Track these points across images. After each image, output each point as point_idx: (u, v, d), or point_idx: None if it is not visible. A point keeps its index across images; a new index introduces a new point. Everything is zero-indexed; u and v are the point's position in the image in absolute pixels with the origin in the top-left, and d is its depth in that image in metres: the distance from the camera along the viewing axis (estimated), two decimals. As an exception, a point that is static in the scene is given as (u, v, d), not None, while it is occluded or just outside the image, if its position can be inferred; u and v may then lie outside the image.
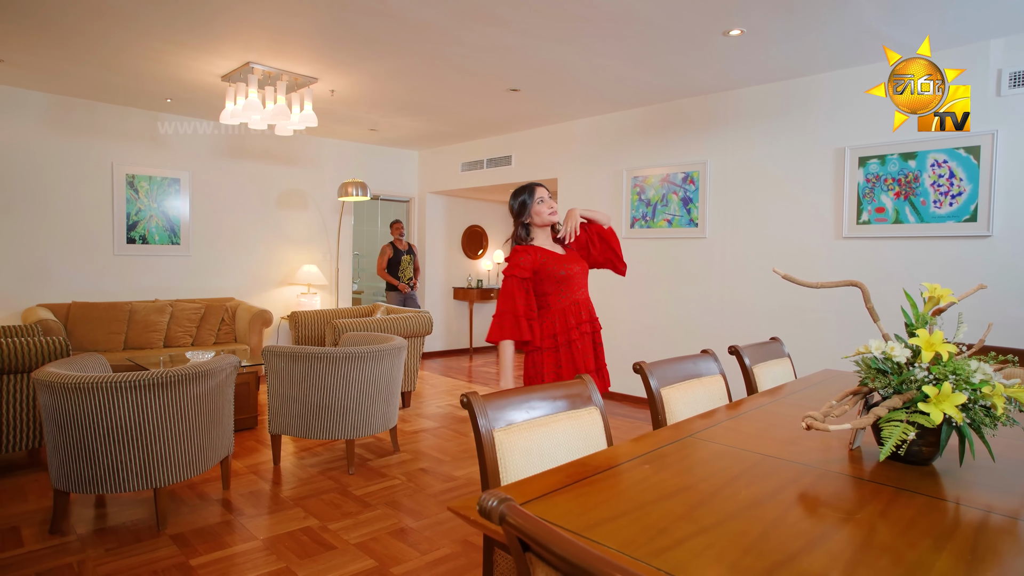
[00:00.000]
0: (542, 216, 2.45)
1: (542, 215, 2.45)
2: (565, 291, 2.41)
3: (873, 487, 1.36)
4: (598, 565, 0.71)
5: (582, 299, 2.46)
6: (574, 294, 2.43)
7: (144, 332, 5.24)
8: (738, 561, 1.01)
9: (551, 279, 2.40)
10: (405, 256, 6.91)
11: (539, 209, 2.45)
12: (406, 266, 6.89)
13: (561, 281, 2.40)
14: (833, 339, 4.14)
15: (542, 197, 2.45)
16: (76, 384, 2.50)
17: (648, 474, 1.43)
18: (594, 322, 2.49)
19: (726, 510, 1.23)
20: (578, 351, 2.39)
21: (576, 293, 2.44)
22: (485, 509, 0.87)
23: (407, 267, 6.90)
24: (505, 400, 1.63)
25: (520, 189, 2.49)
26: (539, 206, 2.44)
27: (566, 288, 2.41)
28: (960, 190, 3.64)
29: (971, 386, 1.38)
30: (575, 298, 2.43)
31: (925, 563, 1.03)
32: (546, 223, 2.47)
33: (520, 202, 2.46)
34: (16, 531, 2.69)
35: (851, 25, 3.35)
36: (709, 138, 4.84)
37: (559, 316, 2.39)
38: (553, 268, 2.39)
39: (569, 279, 2.42)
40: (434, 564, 2.47)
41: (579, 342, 2.39)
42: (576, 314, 2.41)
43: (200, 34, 3.72)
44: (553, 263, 2.40)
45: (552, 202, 2.47)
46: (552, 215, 2.46)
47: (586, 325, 2.43)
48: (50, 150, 5.16)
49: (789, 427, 1.86)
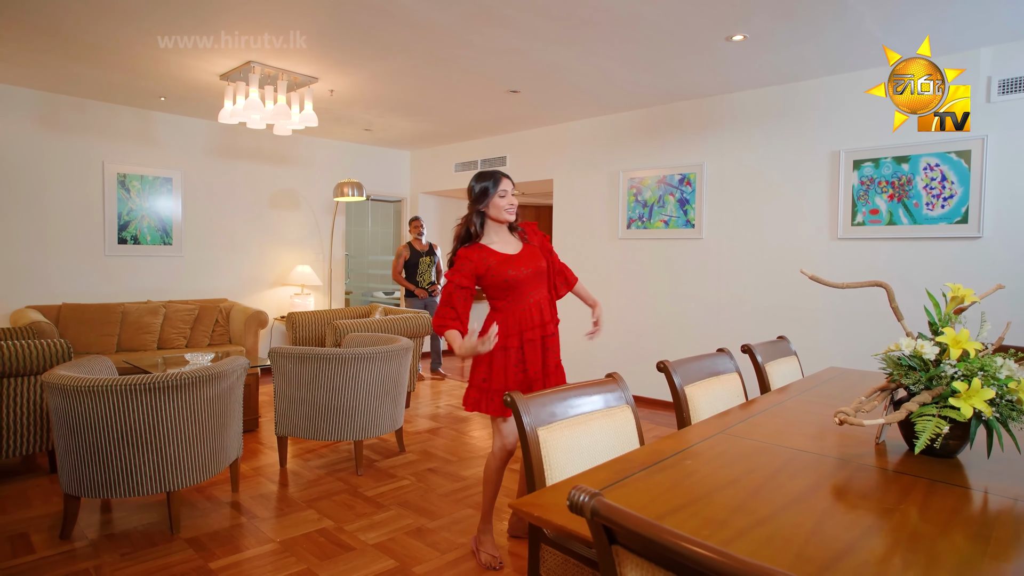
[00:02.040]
0: (499, 211, 2.32)
1: (500, 210, 2.32)
2: (513, 297, 2.31)
3: (908, 479, 1.42)
4: (711, 557, 0.74)
5: (534, 302, 2.35)
6: (524, 299, 2.32)
7: (137, 334, 5.16)
8: (802, 551, 1.06)
9: (496, 286, 2.30)
10: (424, 258, 6.20)
11: (499, 203, 2.31)
12: (425, 269, 6.18)
13: (508, 288, 2.30)
14: (831, 338, 4.25)
15: (506, 190, 2.32)
16: (89, 387, 2.47)
17: (693, 469, 1.47)
18: (546, 326, 2.38)
19: (776, 502, 1.27)
20: (512, 358, 2.31)
21: (526, 298, 2.33)
22: (577, 504, 0.90)
23: (427, 270, 6.19)
24: (545, 398, 1.67)
25: (485, 174, 2.34)
26: (500, 200, 2.31)
27: (513, 295, 2.31)
28: (952, 193, 3.77)
29: (998, 382, 1.45)
30: (525, 303, 2.33)
31: (976, 549, 1.09)
32: (502, 220, 2.35)
33: (483, 188, 2.32)
34: (25, 537, 2.64)
35: (849, 31, 3.45)
36: (706, 140, 4.92)
37: (511, 321, 2.31)
38: (498, 273, 2.28)
39: (517, 285, 2.30)
40: (455, 563, 2.49)
41: (515, 349, 2.31)
42: (527, 318, 2.32)
43: (202, 32, 3.68)
44: (499, 267, 2.29)
45: (514, 199, 2.35)
46: (509, 213, 2.34)
47: (536, 331, 2.34)
48: (39, 148, 5.04)
49: (813, 422, 1.92)
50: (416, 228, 6.22)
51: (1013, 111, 3.56)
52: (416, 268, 6.15)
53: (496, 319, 2.34)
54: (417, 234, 6.21)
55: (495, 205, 2.32)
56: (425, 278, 6.18)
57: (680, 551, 0.77)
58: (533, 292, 2.36)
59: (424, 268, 6.18)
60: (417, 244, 6.21)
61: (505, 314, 2.33)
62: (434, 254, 6.29)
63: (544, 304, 2.39)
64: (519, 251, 2.37)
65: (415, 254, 6.16)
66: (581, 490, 0.91)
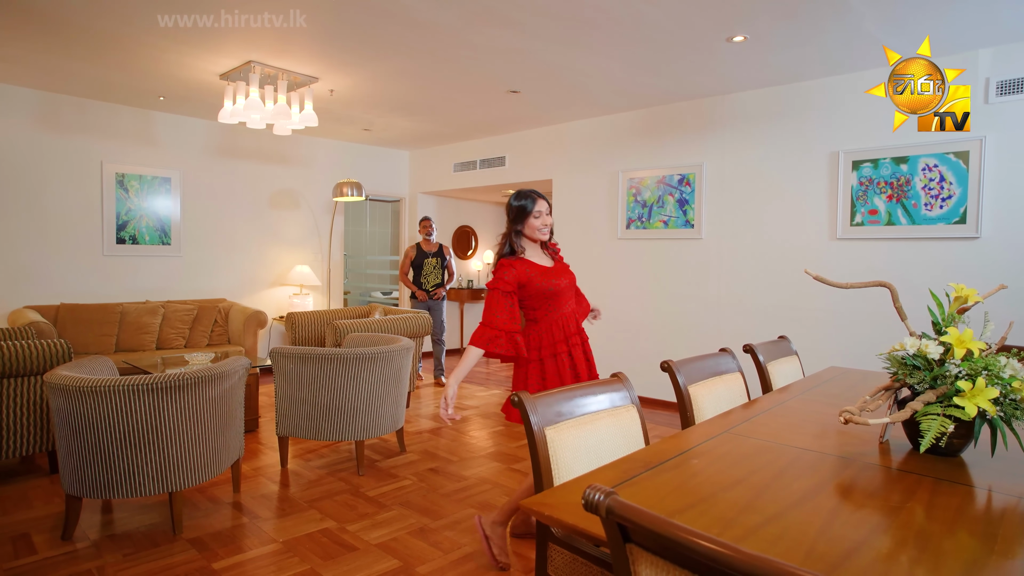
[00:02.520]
0: (533, 231, 2.42)
1: (533, 230, 2.42)
2: (552, 306, 2.40)
3: (913, 478, 1.43)
4: (729, 555, 0.75)
5: (569, 312, 2.45)
6: (562, 308, 2.42)
7: (136, 334, 5.14)
8: (812, 548, 1.07)
9: (539, 295, 2.38)
10: (430, 259, 5.97)
11: (533, 224, 2.41)
12: (430, 271, 5.95)
13: (549, 297, 2.38)
14: (830, 338, 4.26)
15: (540, 211, 2.41)
16: (93, 387, 2.46)
17: (699, 468, 1.48)
18: (582, 333, 2.49)
19: (784, 501, 1.28)
20: (564, 363, 2.38)
21: (564, 308, 2.43)
22: (592, 503, 0.91)
23: (432, 272, 5.96)
24: (552, 398, 1.67)
25: (523, 193, 2.44)
26: (534, 220, 2.41)
27: (553, 303, 2.40)
28: (950, 193, 3.79)
29: (1002, 381, 1.46)
30: (563, 312, 2.42)
31: (984, 547, 1.10)
32: (535, 239, 2.45)
33: (520, 207, 2.41)
34: (27, 538, 2.64)
35: (850, 32, 3.47)
36: (705, 141, 4.93)
37: (546, 331, 2.39)
38: (541, 283, 2.36)
39: (557, 295, 2.40)
40: (459, 562, 2.49)
41: (565, 355, 2.38)
42: (564, 327, 2.41)
43: (203, 32, 3.67)
44: (540, 278, 2.37)
45: (548, 219, 2.44)
46: (543, 233, 2.44)
47: (575, 338, 2.44)
48: (37, 148, 5.03)
49: (816, 421, 1.94)
50: (425, 228, 6.03)
51: (1011, 112, 3.59)
52: (420, 269, 5.97)
53: (535, 330, 2.39)
54: (426, 234, 6.02)
55: (530, 225, 2.42)
56: (429, 280, 5.97)
57: (698, 549, 0.78)
58: (568, 303, 2.47)
59: (429, 270, 5.97)
60: (425, 244, 6.04)
61: (547, 323, 2.40)
62: (443, 256, 6.05)
63: (577, 316, 2.52)
64: (553, 265, 2.49)
65: (421, 255, 6.00)
66: (596, 489, 0.92)
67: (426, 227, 6.03)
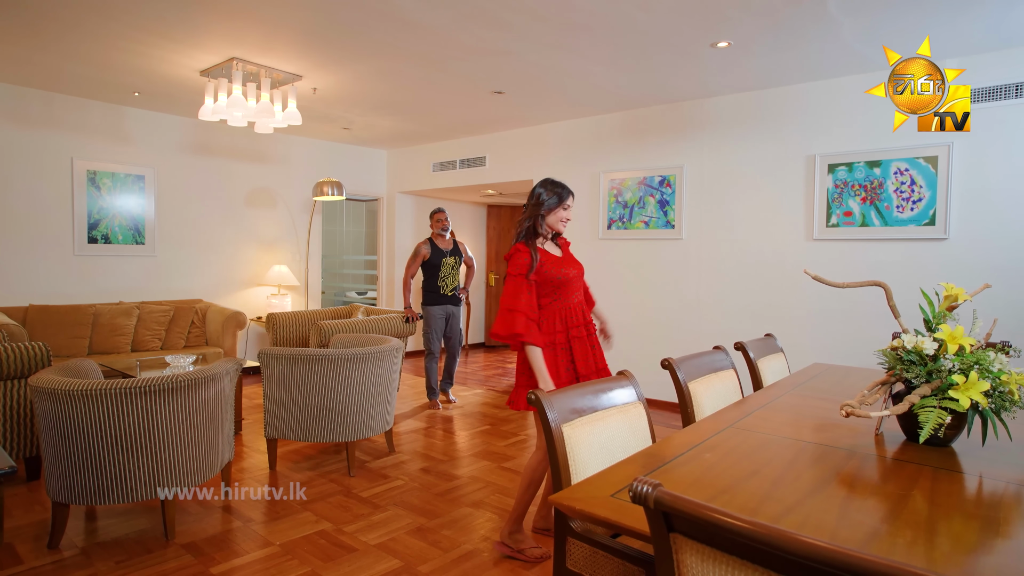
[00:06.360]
0: (556, 222, 2.52)
1: (557, 221, 2.52)
2: (561, 295, 2.48)
3: (912, 467, 1.51)
4: (782, 538, 0.80)
5: (576, 303, 2.53)
6: (568, 299, 2.50)
7: (110, 336, 4.99)
8: (835, 534, 1.13)
9: (548, 283, 2.46)
10: (448, 258, 5.10)
11: (561, 215, 2.52)
12: (448, 271, 5.08)
13: (558, 286, 2.47)
14: (808, 335, 4.41)
15: (569, 205, 2.53)
16: (83, 391, 2.40)
17: (713, 462, 1.53)
18: (589, 324, 2.57)
19: (800, 490, 1.34)
20: (577, 352, 2.47)
21: (570, 298, 2.51)
22: (640, 495, 0.95)
23: (450, 273, 5.10)
24: (566, 395, 1.71)
25: (558, 184, 2.54)
26: (563, 212, 2.52)
27: (562, 292, 2.48)
28: (920, 196, 3.96)
29: (992, 374, 1.56)
30: (568, 303, 2.49)
31: (989, 529, 1.17)
32: (555, 230, 2.56)
33: (555, 195, 2.50)
34: (10, 547, 2.55)
35: (830, 41, 3.60)
36: (686, 143, 5.04)
37: (558, 319, 2.46)
38: (551, 271, 2.45)
39: (566, 284, 2.49)
40: (460, 560, 2.51)
41: (563, 346, 2.45)
42: (573, 316, 2.49)
43: (186, 27, 3.59)
44: (551, 266, 2.46)
45: (570, 215, 2.57)
46: (563, 226, 2.56)
47: (581, 328, 2.50)
48: (3, 142, 4.83)
49: (813, 415, 2.02)
50: (440, 222, 5.12)
51: (977, 120, 3.76)
52: (438, 270, 5.05)
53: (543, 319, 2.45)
54: (440, 229, 5.12)
55: (556, 215, 2.51)
56: (448, 283, 5.09)
57: (753, 535, 0.82)
58: (576, 292, 2.54)
59: (447, 271, 5.08)
60: (440, 241, 5.13)
61: (551, 311, 2.47)
62: (460, 254, 5.22)
63: (584, 306, 2.58)
64: (562, 256, 2.58)
65: (437, 253, 5.07)
66: (643, 481, 0.96)
67: (440, 221, 5.12)
